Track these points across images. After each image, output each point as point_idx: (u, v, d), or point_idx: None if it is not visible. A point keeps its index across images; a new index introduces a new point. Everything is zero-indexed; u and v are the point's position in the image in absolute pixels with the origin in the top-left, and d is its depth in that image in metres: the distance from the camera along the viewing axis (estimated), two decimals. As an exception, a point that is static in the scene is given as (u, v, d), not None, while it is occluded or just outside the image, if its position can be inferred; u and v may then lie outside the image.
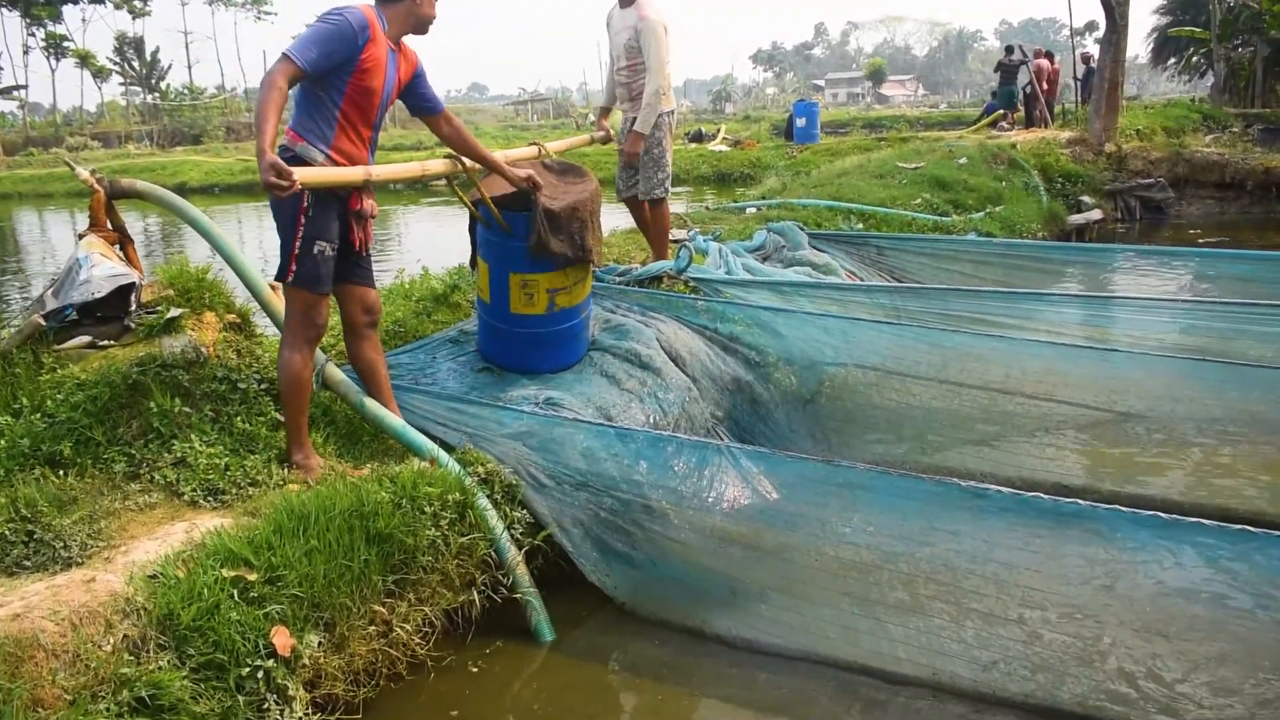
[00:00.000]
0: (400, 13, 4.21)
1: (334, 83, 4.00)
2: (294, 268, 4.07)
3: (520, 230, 4.94)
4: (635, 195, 6.97)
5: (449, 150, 4.80)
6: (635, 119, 6.71)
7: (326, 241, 4.09)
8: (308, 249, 4.05)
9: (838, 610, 3.83)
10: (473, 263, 5.31)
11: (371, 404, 4.47)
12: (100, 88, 65.63)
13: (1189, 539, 3.28)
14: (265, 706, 3.05)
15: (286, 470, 4.13)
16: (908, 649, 3.64)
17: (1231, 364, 5.06)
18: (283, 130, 3.96)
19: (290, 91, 3.92)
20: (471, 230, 5.25)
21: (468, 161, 4.85)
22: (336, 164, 4.06)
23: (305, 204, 3.99)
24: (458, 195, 4.92)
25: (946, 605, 3.64)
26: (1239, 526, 3.19)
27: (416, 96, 4.49)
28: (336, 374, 4.55)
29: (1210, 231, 14.51)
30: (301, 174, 3.73)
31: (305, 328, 4.17)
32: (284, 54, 3.85)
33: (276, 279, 4.22)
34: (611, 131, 7.02)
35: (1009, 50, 23.78)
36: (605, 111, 7.23)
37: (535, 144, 5.64)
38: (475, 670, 3.89)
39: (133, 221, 4.80)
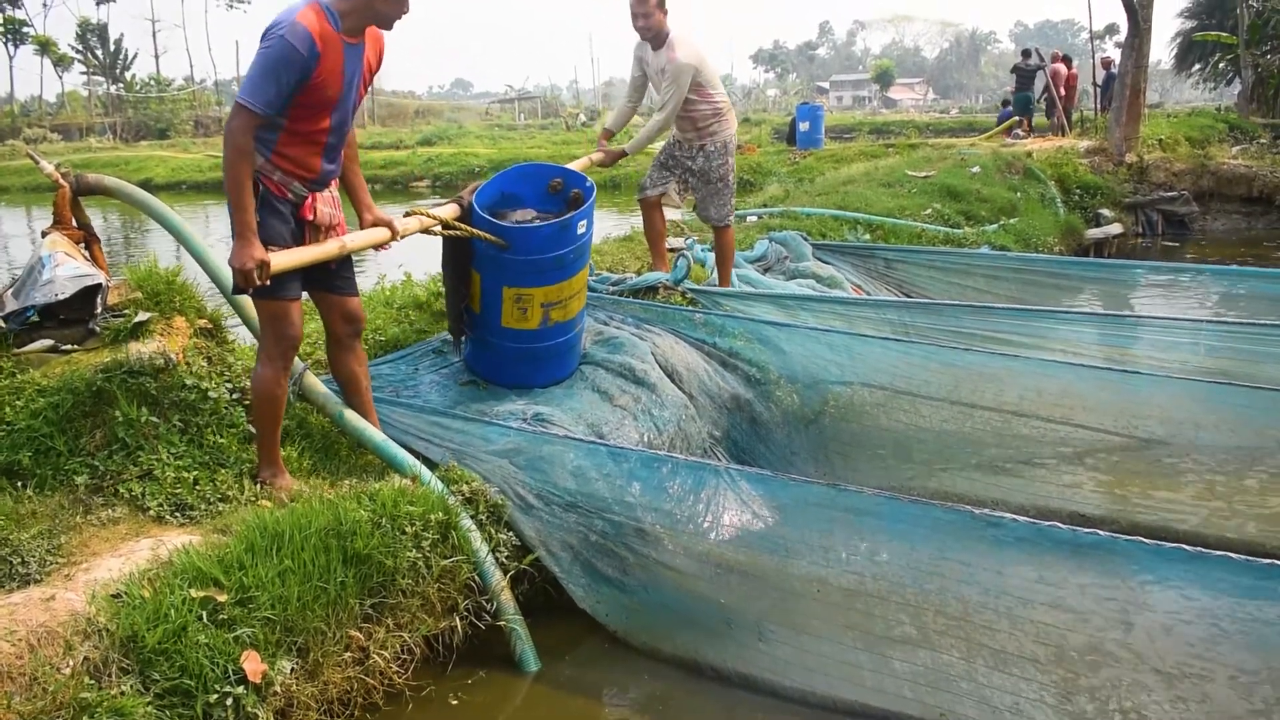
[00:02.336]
0: (355, 5, 3.91)
1: None
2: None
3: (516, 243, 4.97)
4: (655, 197, 7.25)
5: (417, 207, 4.80)
6: (701, 144, 7.07)
7: (278, 247, 3.98)
8: None
9: (839, 645, 3.83)
10: (447, 267, 5.26)
11: (352, 416, 4.47)
12: (61, 77, 65.31)
13: (1215, 573, 3.29)
14: (234, 736, 3.05)
15: (260, 487, 4.13)
16: (914, 688, 3.64)
17: (1260, 389, 5.09)
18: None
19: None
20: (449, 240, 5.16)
21: (442, 213, 4.85)
22: (279, 169, 3.97)
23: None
24: (443, 235, 4.95)
25: (956, 641, 3.64)
26: (1268, 561, 3.21)
27: None
28: (316, 384, 4.56)
29: (1236, 248, 14.59)
30: (275, 260, 3.82)
31: (277, 340, 4.14)
32: (239, 104, 3.76)
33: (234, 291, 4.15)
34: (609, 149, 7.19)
35: (1026, 54, 23.98)
36: (610, 134, 7.38)
37: None
38: (456, 702, 3.89)
39: (94, 218, 4.80)
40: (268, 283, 3.82)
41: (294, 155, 4.00)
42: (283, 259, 3.92)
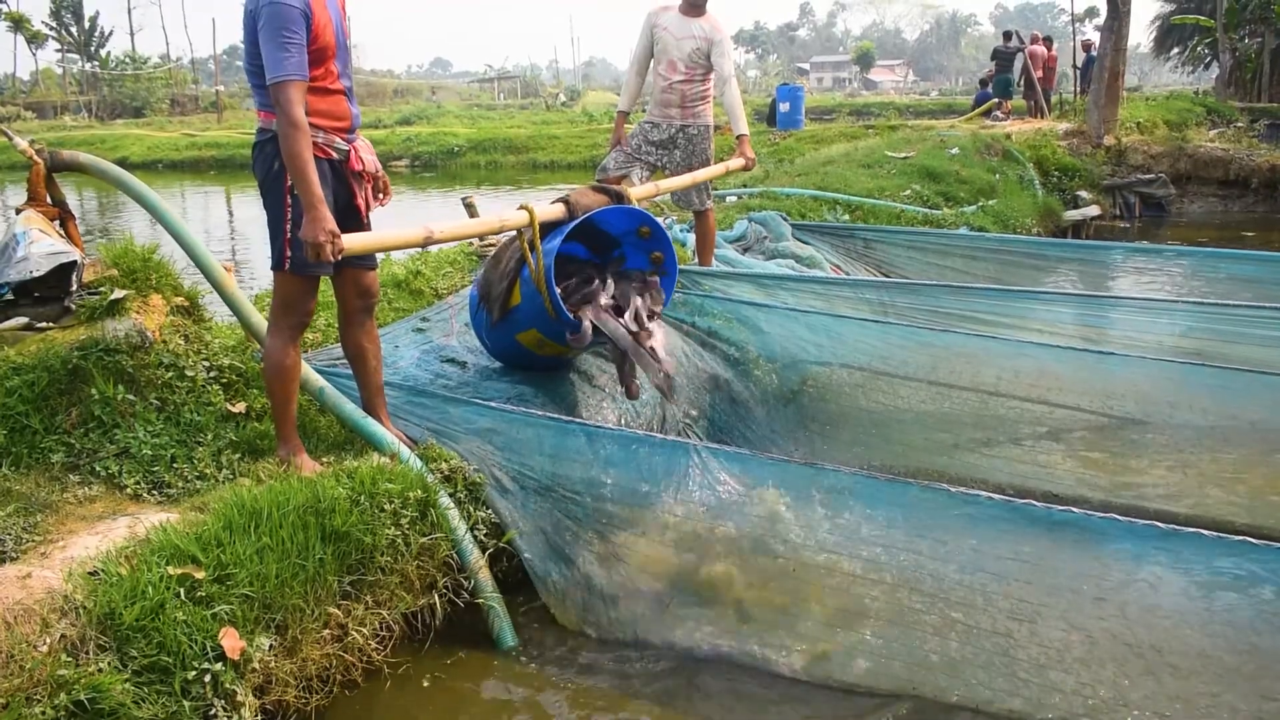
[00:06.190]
0: None
1: None
2: (289, 254, 3.96)
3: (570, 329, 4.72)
4: (616, 179, 6.99)
5: (528, 204, 4.65)
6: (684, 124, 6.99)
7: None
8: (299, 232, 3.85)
9: (816, 622, 3.86)
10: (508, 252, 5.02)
11: (331, 392, 4.45)
12: (35, 54, 64.58)
13: (1188, 550, 3.33)
14: (212, 712, 3.05)
15: (281, 467, 4.11)
16: (887, 662, 3.67)
17: (1232, 369, 5.14)
18: (257, 112, 3.91)
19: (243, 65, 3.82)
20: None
21: (540, 211, 4.69)
22: (318, 127, 3.88)
23: (289, 183, 3.82)
24: (524, 245, 4.70)
25: (931, 617, 3.67)
26: (1238, 538, 3.25)
27: None
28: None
29: (1212, 230, 14.67)
30: (349, 241, 3.74)
31: (287, 314, 4.10)
32: (279, 82, 3.67)
33: (273, 268, 4.06)
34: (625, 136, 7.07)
35: (1007, 36, 24.01)
36: (625, 116, 7.21)
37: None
38: (433, 679, 3.91)
39: (70, 196, 4.77)
40: (338, 258, 3.73)
41: (324, 109, 3.94)
42: (358, 241, 3.85)
